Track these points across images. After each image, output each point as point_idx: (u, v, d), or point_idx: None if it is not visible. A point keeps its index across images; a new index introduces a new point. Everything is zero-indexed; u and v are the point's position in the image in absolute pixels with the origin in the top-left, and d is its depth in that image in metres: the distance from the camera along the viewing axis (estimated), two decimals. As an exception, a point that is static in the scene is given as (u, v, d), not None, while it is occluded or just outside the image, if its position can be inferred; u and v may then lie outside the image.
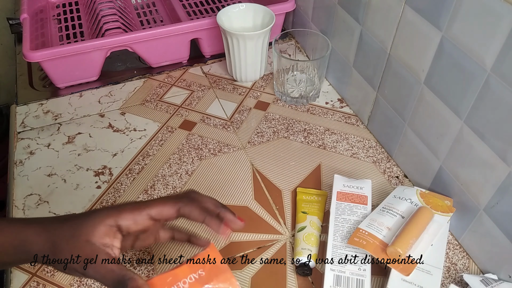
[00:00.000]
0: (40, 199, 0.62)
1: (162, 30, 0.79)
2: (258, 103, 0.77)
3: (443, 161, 0.56)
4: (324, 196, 0.61)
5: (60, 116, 0.75)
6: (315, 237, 0.55)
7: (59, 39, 0.90)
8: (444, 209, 0.54)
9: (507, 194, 0.47)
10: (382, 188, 0.63)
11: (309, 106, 0.76)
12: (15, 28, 0.91)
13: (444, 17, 0.49)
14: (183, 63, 0.86)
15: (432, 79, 0.54)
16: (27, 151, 0.69)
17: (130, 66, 0.86)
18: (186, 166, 0.66)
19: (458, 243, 0.57)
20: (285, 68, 0.75)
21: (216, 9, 0.99)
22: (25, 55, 0.73)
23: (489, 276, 0.51)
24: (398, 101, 0.62)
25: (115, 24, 0.86)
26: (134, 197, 0.62)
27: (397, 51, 0.59)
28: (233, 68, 0.79)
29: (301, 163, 0.67)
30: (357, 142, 0.70)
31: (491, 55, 0.44)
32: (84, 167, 0.66)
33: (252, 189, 0.63)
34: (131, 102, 0.78)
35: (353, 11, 0.67)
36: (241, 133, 0.72)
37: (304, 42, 0.86)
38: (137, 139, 0.71)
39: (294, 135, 0.71)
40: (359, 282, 0.49)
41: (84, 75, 0.80)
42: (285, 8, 0.85)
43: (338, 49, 0.75)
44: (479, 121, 0.48)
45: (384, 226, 0.52)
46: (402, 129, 0.63)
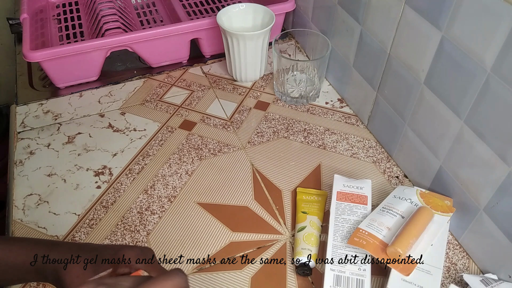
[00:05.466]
0: (40, 199, 0.62)
1: (162, 30, 0.79)
2: (258, 103, 0.77)
3: (443, 161, 0.56)
4: (324, 196, 0.61)
5: (60, 116, 0.75)
6: (315, 237, 0.55)
7: (59, 39, 0.90)
8: (444, 209, 0.54)
9: (507, 194, 0.47)
10: (382, 188, 0.63)
11: (309, 106, 0.76)
12: (15, 28, 0.91)
13: (444, 17, 0.49)
14: (183, 63, 0.86)
15: (432, 79, 0.54)
16: (27, 151, 0.69)
17: (130, 66, 0.86)
18: (186, 166, 0.66)
19: (458, 243, 0.57)
20: (285, 68, 0.75)
21: (216, 9, 0.99)
22: (25, 55, 0.73)
23: (489, 276, 0.51)
24: (398, 101, 0.62)
25: (115, 24, 0.86)
26: (134, 197, 0.62)
27: (397, 51, 0.59)
28: (233, 68, 0.79)
29: (301, 163, 0.67)
30: (357, 142, 0.70)
31: (491, 55, 0.44)
32: (84, 167, 0.66)
33: (252, 189, 0.63)
34: (131, 102, 0.78)
35: (353, 11, 0.67)
36: (241, 133, 0.72)
37: (304, 42, 0.86)
38: (137, 139, 0.71)
39: (294, 135, 0.71)
40: (359, 282, 0.49)
41: (84, 75, 0.80)
42: (285, 8, 0.85)
43: (338, 49, 0.75)
44: (479, 121, 0.48)
45: (384, 226, 0.52)
46: (402, 129, 0.63)
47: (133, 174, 0.65)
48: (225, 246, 0.57)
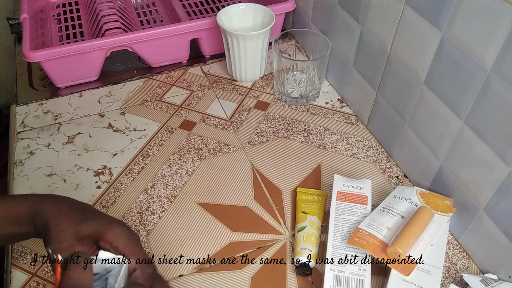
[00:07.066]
0: (40, 199, 0.62)
1: (162, 30, 0.79)
2: (258, 103, 0.77)
3: (443, 161, 0.56)
4: (324, 196, 0.61)
5: (60, 116, 0.75)
6: (315, 237, 0.55)
7: (59, 39, 0.90)
8: (444, 209, 0.54)
9: (507, 194, 0.47)
10: (382, 188, 0.63)
11: (309, 106, 0.76)
12: (15, 28, 0.91)
13: (444, 17, 0.49)
14: (183, 63, 0.86)
15: (432, 79, 0.54)
16: (27, 151, 0.69)
17: (130, 66, 0.86)
18: (186, 166, 0.66)
19: (458, 243, 0.57)
20: (285, 68, 0.75)
21: (216, 9, 0.99)
22: (25, 55, 0.73)
23: (489, 276, 0.51)
24: (398, 101, 0.62)
25: (115, 24, 0.86)
26: (134, 197, 0.62)
27: (397, 51, 0.59)
28: (233, 68, 0.79)
29: (301, 163, 0.67)
30: (357, 142, 0.70)
31: (491, 55, 0.44)
32: (84, 167, 0.66)
33: (252, 189, 0.63)
34: (131, 102, 0.78)
35: (353, 11, 0.67)
36: (241, 133, 0.72)
37: (304, 42, 0.86)
38: (137, 139, 0.71)
39: (294, 135, 0.71)
40: (359, 282, 0.49)
41: (84, 75, 0.80)
42: (285, 8, 0.85)
43: (338, 49, 0.75)
44: (479, 121, 0.48)
45: (384, 226, 0.52)
46: (402, 129, 0.63)
47: (133, 174, 0.65)
48: (225, 246, 0.57)
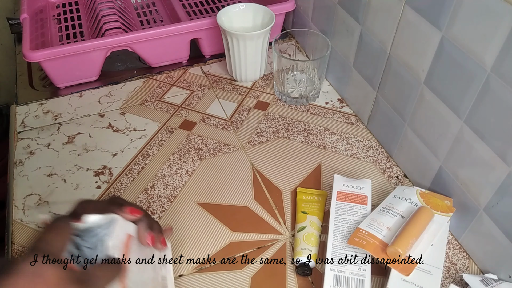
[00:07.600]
0: (40, 199, 0.62)
1: (162, 30, 0.79)
2: (258, 103, 0.77)
3: (443, 161, 0.56)
4: (324, 196, 0.61)
5: (60, 116, 0.75)
6: (315, 237, 0.55)
7: (59, 39, 0.90)
8: (444, 209, 0.54)
9: (507, 194, 0.47)
10: (382, 188, 0.63)
11: (309, 106, 0.76)
12: (15, 28, 0.91)
13: (444, 17, 0.49)
14: (183, 63, 0.86)
15: (432, 79, 0.54)
16: (27, 151, 0.69)
17: (130, 66, 0.86)
18: (186, 166, 0.66)
19: (458, 243, 0.57)
20: (285, 68, 0.75)
21: (216, 9, 0.99)
22: (25, 55, 0.73)
23: (489, 276, 0.51)
24: (398, 101, 0.62)
25: (115, 24, 0.86)
26: (134, 197, 0.62)
27: (397, 51, 0.59)
28: (233, 68, 0.79)
29: (301, 163, 0.67)
30: (357, 142, 0.70)
31: (491, 55, 0.44)
32: (84, 167, 0.66)
33: (252, 189, 0.63)
34: (131, 102, 0.78)
35: (353, 11, 0.67)
36: (241, 133, 0.72)
37: (304, 42, 0.86)
38: (137, 139, 0.71)
39: (294, 135, 0.71)
40: (359, 282, 0.49)
41: (84, 75, 0.80)
42: (285, 8, 0.85)
43: (338, 49, 0.75)
44: (479, 121, 0.48)
45: (384, 226, 0.52)
46: (402, 129, 0.63)
47: (133, 174, 0.65)
48: (225, 246, 0.57)
